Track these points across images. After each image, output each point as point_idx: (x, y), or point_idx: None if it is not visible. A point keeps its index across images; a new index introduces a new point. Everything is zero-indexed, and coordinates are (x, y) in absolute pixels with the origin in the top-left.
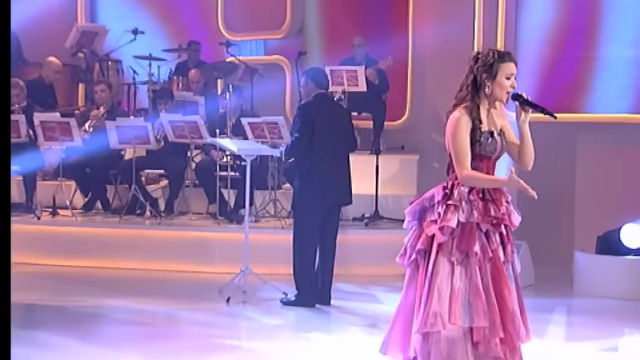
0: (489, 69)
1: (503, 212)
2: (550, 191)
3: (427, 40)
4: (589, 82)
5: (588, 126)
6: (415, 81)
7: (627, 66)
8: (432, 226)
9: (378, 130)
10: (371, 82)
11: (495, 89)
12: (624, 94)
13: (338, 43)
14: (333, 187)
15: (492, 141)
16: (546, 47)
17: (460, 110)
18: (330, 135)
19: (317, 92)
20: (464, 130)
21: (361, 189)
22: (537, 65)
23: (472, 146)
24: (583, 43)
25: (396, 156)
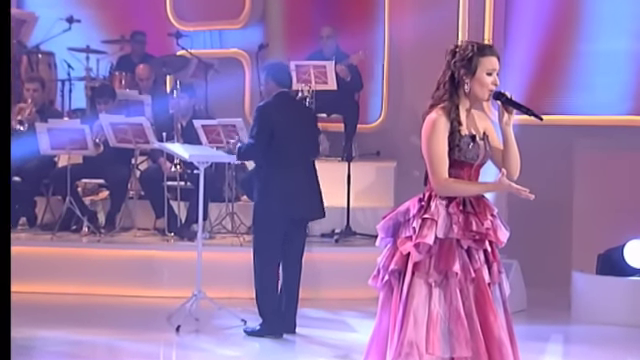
0: (467, 64)
1: (487, 226)
2: (544, 203)
3: (406, 31)
4: (587, 80)
5: (586, 130)
6: (392, 78)
7: (631, 62)
8: (407, 243)
9: (350, 134)
10: (342, 79)
11: (475, 87)
12: (626, 93)
13: (304, 34)
14: (297, 199)
15: (474, 146)
16: (540, 40)
17: (437, 111)
18: (293, 140)
19: (278, 91)
20: (441, 133)
21: (331, 201)
22: (529, 61)
23: (450, 151)
24: (582, 36)
25: (370, 163)
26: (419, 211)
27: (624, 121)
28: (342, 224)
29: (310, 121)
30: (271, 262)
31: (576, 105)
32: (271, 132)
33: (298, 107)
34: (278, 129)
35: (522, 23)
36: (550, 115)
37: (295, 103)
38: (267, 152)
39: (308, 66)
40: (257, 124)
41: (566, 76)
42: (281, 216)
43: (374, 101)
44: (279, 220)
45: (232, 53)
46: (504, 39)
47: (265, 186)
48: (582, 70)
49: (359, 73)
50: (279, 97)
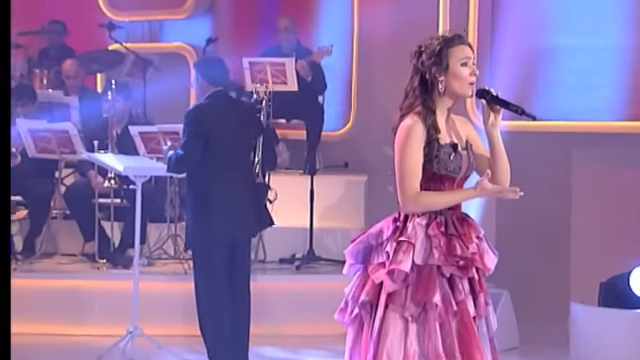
0: (437, 59)
1: (473, 251)
2: (538, 223)
3: (378, 24)
4: (587, 80)
5: (586, 138)
6: (362, 78)
7: (636, 60)
8: (379, 271)
9: (313, 142)
10: (303, 79)
11: (451, 82)
12: (631, 95)
13: (259, 27)
14: (238, 216)
15: (455, 157)
16: (532, 36)
17: (412, 117)
18: (232, 148)
19: (213, 90)
20: (416, 142)
21: (291, 221)
22: (521, 58)
23: (428, 164)
24: (580, 31)
25: (337, 177)
26: (394, 233)
27: (629, 128)
28: (304, 248)
29: (255, 126)
30: (216, 292)
31: (574, 109)
32: (205, 140)
33: (239, 109)
34: (214, 136)
35: (512, 17)
36: (544, 121)
37: (236, 104)
38: (201, 164)
39: (264, 64)
40: (187, 131)
41: (562, 76)
42: (219, 237)
43: (341, 105)
44: (218, 243)
45: (175, 48)
46: (491, 35)
47: (199, 204)
48: (581, 69)
49: (323, 72)
50: (214, 98)
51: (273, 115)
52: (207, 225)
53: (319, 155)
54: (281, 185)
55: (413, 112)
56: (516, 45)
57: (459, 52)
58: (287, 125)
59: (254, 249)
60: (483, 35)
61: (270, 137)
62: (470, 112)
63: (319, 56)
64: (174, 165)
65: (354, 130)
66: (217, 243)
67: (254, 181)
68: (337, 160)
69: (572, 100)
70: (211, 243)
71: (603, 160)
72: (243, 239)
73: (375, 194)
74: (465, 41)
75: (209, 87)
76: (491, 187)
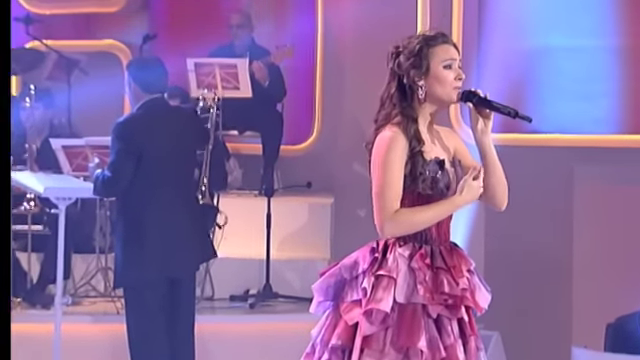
0: (417, 60)
1: (463, 287)
2: (533, 253)
3: (347, 20)
4: (590, 85)
5: (591, 153)
6: (328, 83)
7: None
8: (354, 310)
9: (271, 158)
10: (259, 83)
11: (433, 87)
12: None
13: (207, 22)
14: (177, 247)
15: (442, 174)
16: (526, 34)
17: (391, 128)
18: (172, 167)
19: (148, 98)
20: (398, 156)
21: (244, 250)
22: (512, 60)
23: (413, 183)
24: (582, 28)
25: (299, 199)
26: (371, 265)
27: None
28: (259, 283)
29: (200, 139)
30: (152, 337)
31: (574, 119)
32: (137, 157)
33: (180, 119)
34: (148, 152)
35: (502, 13)
36: (539, 133)
37: (175, 114)
38: (133, 185)
39: (212, 65)
40: (116, 148)
41: (559, 81)
42: (156, 274)
43: (303, 114)
44: (153, 280)
45: (106, 46)
46: (478, 33)
47: (131, 233)
48: (580, 73)
49: (282, 75)
50: (148, 107)
51: (223, 126)
52: (140, 258)
53: (277, 173)
54: (232, 208)
55: (391, 123)
56: (506, 45)
57: (442, 52)
58: (240, 138)
59: (200, 284)
60: (468, 34)
61: (219, 152)
62: (453, 121)
63: (278, 57)
64: (101, 187)
65: (319, 144)
66: (152, 280)
67: (198, 204)
68: (299, 179)
69: (571, 109)
70: (144, 280)
71: (610, 179)
72: (185, 274)
73: (344, 219)
74: (449, 40)
75: (143, 94)
76: (477, 185)
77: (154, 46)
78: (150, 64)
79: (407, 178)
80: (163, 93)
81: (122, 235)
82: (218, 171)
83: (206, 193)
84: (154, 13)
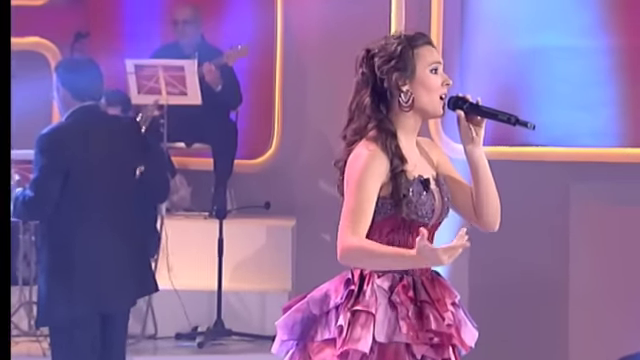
0: (399, 63)
1: (449, 322)
2: (524, 284)
3: (310, 17)
4: (588, 91)
5: (588, 169)
6: (288, 88)
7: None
8: (326, 350)
9: (223, 175)
10: (210, 88)
11: (420, 94)
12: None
13: (150, 18)
14: (110, 279)
15: (427, 196)
16: (516, 34)
17: (367, 144)
18: (105, 186)
19: (79, 105)
20: (375, 176)
21: (191, 282)
22: (500, 66)
23: (396, 207)
24: (582, 27)
25: (256, 221)
26: (347, 299)
27: None
28: (210, 318)
29: (137, 152)
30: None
31: (571, 131)
32: (64, 175)
33: (115, 130)
34: (77, 169)
35: (488, 10)
36: (531, 147)
37: (110, 124)
38: (59, 207)
39: (155, 67)
40: (39, 164)
41: (553, 86)
42: (86, 310)
43: (261, 124)
44: (83, 317)
45: (30, 44)
46: (460, 33)
47: (56, 262)
48: (578, 79)
49: (237, 79)
50: (79, 116)
51: (168, 138)
52: (67, 292)
53: (231, 192)
54: (179, 233)
55: (366, 138)
56: (493, 46)
57: (427, 54)
58: (187, 151)
59: (141, 321)
60: (450, 33)
61: (162, 167)
62: (433, 132)
63: (232, 58)
64: (22, 208)
65: (278, 158)
66: (81, 317)
67: (137, 229)
68: (255, 198)
69: (567, 118)
70: (73, 317)
71: (610, 198)
72: (119, 310)
73: (307, 244)
74: (431, 41)
75: (74, 101)
76: (429, 250)
77: (87, 45)
78: (82, 66)
79: (387, 201)
80: (97, 100)
81: (47, 265)
82: (159, 190)
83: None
84: (87, 7)
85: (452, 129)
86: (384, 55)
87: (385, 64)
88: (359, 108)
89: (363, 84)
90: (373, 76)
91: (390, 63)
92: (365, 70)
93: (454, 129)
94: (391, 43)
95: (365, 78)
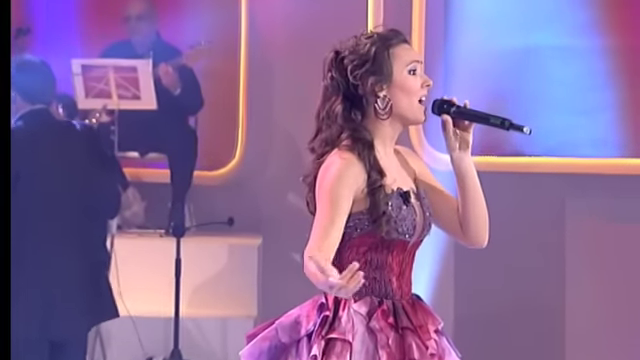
0: (374, 65)
1: (432, 352)
2: (517, 310)
3: (278, 14)
4: (587, 98)
5: (586, 182)
6: (254, 91)
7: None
8: None
9: (181, 188)
10: (167, 91)
11: (398, 98)
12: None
13: (98, 13)
14: (59, 303)
15: (408, 211)
16: (504, 33)
17: (341, 153)
18: (55, 198)
19: (28, 109)
20: (347, 188)
21: (145, 307)
22: (488, 67)
23: (372, 225)
24: (579, 25)
25: (217, 239)
26: (321, 326)
27: None
28: (166, 348)
29: (88, 161)
30: None
31: (567, 139)
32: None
33: (68, 138)
34: (24, 179)
35: (474, 7)
36: (522, 157)
37: (62, 131)
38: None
39: (105, 68)
40: None
41: (546, 90)
42: (34, 337)
43: (224, 132)
44: (32, 342)
45: None
46: (444, 32)
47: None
48: (574, 82)
49: (197, 82)
50: (27, 121)
51: (119, 146)
52: (12, 317)
53: (190, 206)
54: (132, 252)
55: (338, 148)
56: (481, 46)
57: (404, 54)
58: (141, 161)
59: (88, 351)
60: (433, 32)
61: (113, 179)
62: (415, 141)
63: (191, 58)
64: None
65: (243, 169)
66: (30, 342)
67: (91, 246)
68: (217, 214)
69: (562, 125)
70: (21, 342)
71: (610, 214)
72: (71, 336)
73: (274, 264)
74: (407, 39)
75: (23, 103)
76: (337, 284)
77: (29, 42)
78: (33, 67)
79: (364, 217)
80: (48, 103)
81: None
82: (110, 203)
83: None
84: (27, 2)
85: (436, 137)
86: (356, 57)
87: (358, 68)
88: (329, 117)
89: (333, 90)
90: (345, 81)
91: (364, 66)
92: (335, 74)
93: (438, 137)
94: (363, 44)
95: (335, 83)
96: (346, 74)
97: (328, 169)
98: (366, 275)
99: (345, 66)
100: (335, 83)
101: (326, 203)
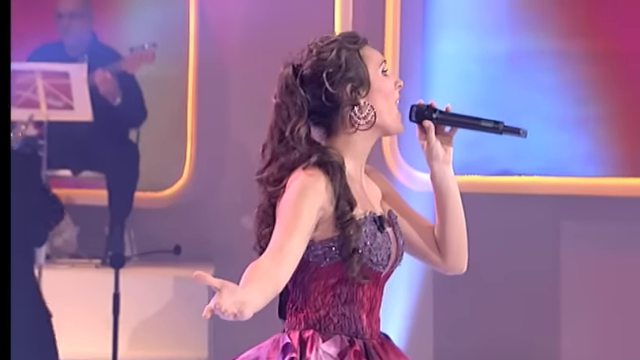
0: (350, 68)
1: None
2: (506, 348)
3: (232, 13)
4: (581, 107)
5: (582, 203)
6: (205, 101)
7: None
8: None
9: (120, 211)
10: (105, 101)
11: (379, 104)
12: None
13: (24, 10)
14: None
15: (383, 238)
16: (489, 35)
17: (308, 169)
18: None
19: None
20: (313, 202)
21: (79, 349)
22: (471, 73)
23: (349, 257)
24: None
25: (162, 270)
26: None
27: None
28: None
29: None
30: None
31: (560, 156)
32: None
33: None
34: None
35: (454, 8)
36: (511, 176)
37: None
38: None
39: (33, 74)
40: None
41: (537, 100)
42: None
43: (170, 146)
44: None
45: None
46: (422, 34)
47: None
48: (566, 90)
49: (140, 90)
50: None
51: (49, 164)
52: None
53: (130, 233)
54: (63, 286)
55: (302, 167)
56: (462, 49)
57: (373, 54)
58: (74, 181)
59: None
60: (409, 34)
61: (41, 201)
62: (388, 156)
63: (133, 63)
64: None
65: (191, 189)
66: None
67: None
68: (162, 241)
69: (554, 138)
70: None
71: (610, 239)
72: None
73: None
74: (367, 41)
75: None
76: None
77: None
78: None
79: (334, 246)
80: None
81: None
82: (38, 228)
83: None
84: None
85: (413, 152)
86: (326, 65)
87: (332, 75)
88: (292, 140)
89: (294, 109)
90: (312, 96)
91: (338, 73)
92: (297, 90)
93: (415, 152)
94: (328, 49)
95: (298, 100)
96: (314, 87)
97: (291, 185)
98: (335, 311)
99: (311, 78)
100: (298, 100)
101: (285, 218)
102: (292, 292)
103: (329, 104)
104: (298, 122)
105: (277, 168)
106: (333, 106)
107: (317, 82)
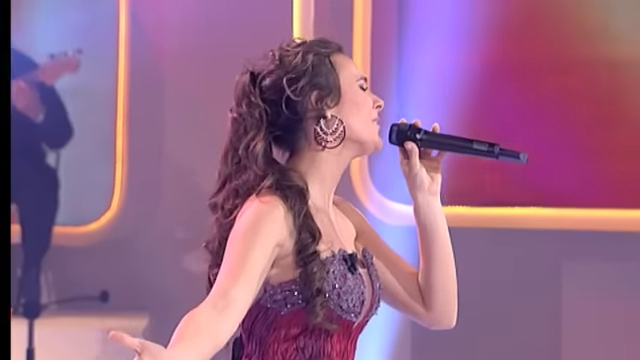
0: (316, 74)
1: None
2: None
3: (168, 13)
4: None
5: (587, 239)
6: (137, 117)
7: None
8: None
9: (36, 249)
10: (22, 117)
11: (351, 117)
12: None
13: None
14: None
15: (354, 280)
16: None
17: (262, 196)
18: None
19: None
20: (265, 235)
21: None
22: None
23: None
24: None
25: (86, 321)
26: None
27: None
28: None
29: None
30: None
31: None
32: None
33: None
34: None
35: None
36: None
37: None
38: None
39: None
40: None
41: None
42: None
43: (96, 171)
44: None
45: None
46: (398, 43)
47: None
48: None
49: (63, 105)
50: None
51: None
52: None
53: (48, 275)
54: None
55: (257, 194)
56: (444, 58)
57: (348, 63)
58: None
59: None
60: (382, 41)
61: None
62: (357, 185)
63: (53, 73)
64: None
65: (121, 223)
66: None
67: None
68: (86, 285)
69: (552, 162)
70: None
71: (617, 279)
72: None
73: None
74: (342, 49)
75: None
76: None
77: None
78: None
79: (295, 290)
80: None
81: None
82: None
83: None
84: None
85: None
86: (288, 70)
87: (295, 81)
88: (246, 158)
89: (251, 121)
90: (270, 106)
91: (302, 79)
92: (254, 100)
93: (389, 181)
94: (293, 53)
95: (255, 112)
96: (274, 95)
97: (242, 216)
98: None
99: (271, 85)
100: (255, 112)
101: (231, 257)
102: (247, 345)
103: (291, 115)
104: (255, 137)
105: (230, 193)
106: (296, 118)
107: (278, 89)
